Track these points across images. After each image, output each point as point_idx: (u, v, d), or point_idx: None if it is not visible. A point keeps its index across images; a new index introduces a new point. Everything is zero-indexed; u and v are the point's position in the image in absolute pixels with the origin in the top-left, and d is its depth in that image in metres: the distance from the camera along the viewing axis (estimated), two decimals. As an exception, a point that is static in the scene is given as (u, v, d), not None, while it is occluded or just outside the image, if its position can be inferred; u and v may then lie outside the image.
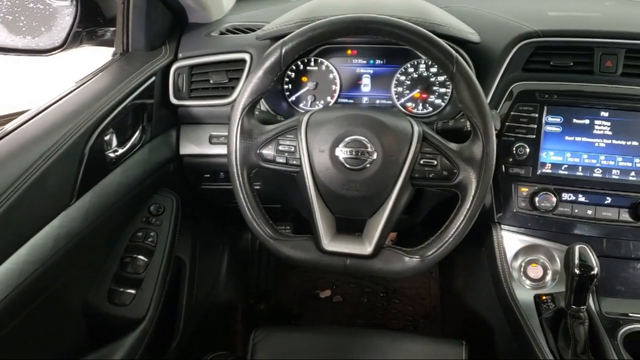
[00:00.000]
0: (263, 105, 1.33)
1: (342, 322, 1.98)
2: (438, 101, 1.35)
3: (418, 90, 1.36)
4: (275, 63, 1.02)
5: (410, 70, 1.36)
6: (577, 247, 1.06)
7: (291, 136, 1.05)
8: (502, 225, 1.27)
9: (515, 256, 1.26)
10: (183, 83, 1.35)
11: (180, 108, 1.37)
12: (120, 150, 1.17)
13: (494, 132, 0.99)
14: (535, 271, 1.23)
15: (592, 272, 1.02)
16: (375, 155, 1.01)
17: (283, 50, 1.01)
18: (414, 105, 1.37)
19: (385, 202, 1.03)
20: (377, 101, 1.40)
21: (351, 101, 1.41)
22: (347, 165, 1.01)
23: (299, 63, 1.40)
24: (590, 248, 1.06)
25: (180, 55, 1.37)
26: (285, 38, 1.02)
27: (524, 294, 1.21)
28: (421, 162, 1.02)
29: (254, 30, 1.40)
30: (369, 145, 1.01)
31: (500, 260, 1.24)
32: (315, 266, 1.04)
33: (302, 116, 1.07)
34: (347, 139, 1.02)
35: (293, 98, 1.41)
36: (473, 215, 1.00)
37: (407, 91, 1.37)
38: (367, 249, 1.02)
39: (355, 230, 1.07)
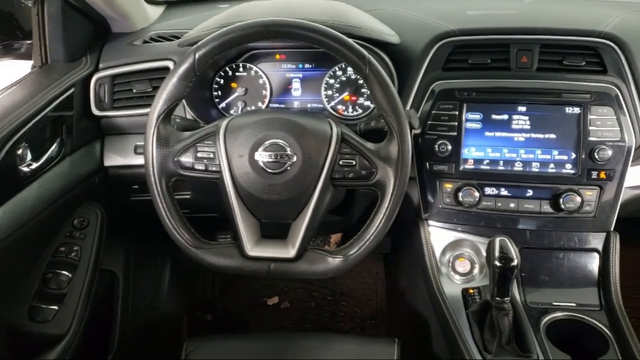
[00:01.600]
0: (189, 113, 1.32)
1: (290, 328, 1.97)
2: (367, 103, 1.37)
3: (347, 92, 1.37)
4: (189, 69, 1.00)
5: (339, 73, 1.37)
6: (497, 240, 1.08)
7: (210, 142, 1.04)
8: (429, 222, 1.29)
9: (444, 251, 1.28)
10: (105, 93, 1.32)
11: (104, 119, 1.35)
12: (36, 165, 1.13)
13: (409, 131, 1.01)
14: (463, 265, 1.25)
15: (513, 264, 1.04)
16: (295, 158, 1.01)
17: (197, 56, 1.00)
18: (344, 107, 1.38)
19: (307, 205, 1.03)
20: (309, 105, 1.41)
21: (282, 106, 1.42)
22: (267, 169, 1.01)
23: (228, 69, 1.39)
24: (511, 240, 1.08)
25: (101, 65, 1.34)
26: (198, 43, 1.01)
27: (453, 288, 1.23)
28: (340, 162, 1.02)
29: (178, 38, 1.38)
30: (288, 148, 1.01)
31: (428, 257, 1.26)
32: (239, 272, 1.03)
33: (220, 122, 1.06)
34: (266, 143, 1.01)
35: (223, 105, 1.40)
36: (392, 212, 1.00)
37: (337, 94, 1.38)
38: (291, 252, 1.02)
39: (283, 234, 1.07)
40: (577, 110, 1.19)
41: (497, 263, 1.05)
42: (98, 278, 1.25)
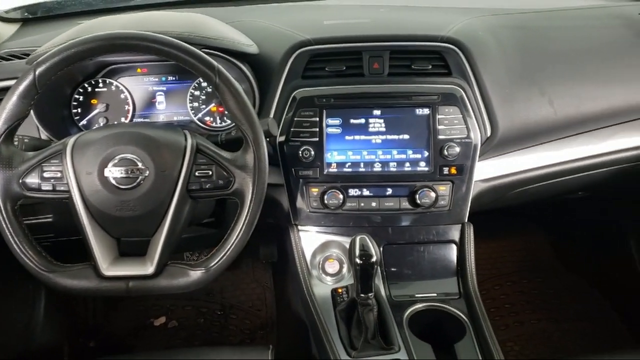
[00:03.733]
0: (43, 133, 1.26)
1: (178, 347, 1.92)
2: None
3: (214, 103, 1.37)
4: (29, 86, 0.96)
5: (204, 84, 1.36)
6: (357, 238, 1.12)
7: (56, 161, 1.00)
8: (299, 227, 1.31)
9: (314, 254, 1.31)
10: None
11: None
12: None
13: (264, 138, 1.02)
14: (332, 266, 1.28)
15: (373, 260, 1.08)
16: (147, 172, 0.99)
17: (37, 73, 0.96)
18: (212, 119, 1.38)
19: (164, 219, 1.01)
20: (175, 118, 1.39)
21: (147, 120, 1.39)
22: (119, 185, 0.99)
23: (86, 85, 1.35)
24: (370, 237, 1.12)
25: None
26: (38, 60, 0.97)
27: (323, 289, 1.26)
28: (197, 173, 1.02)
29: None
30: (139, 162, 0.99)
31: (298, 260, 1.29)
32: (95, 293, 1.00)
33: (68, 139, 1.02)
34: (115, 158, 0.99)
35: (84, 122, 1.35)
36: (252, 220, 1.01)
37: (204, 106, 1.37)
38: (149, 268, 1.00)
39: (144, 251, 1.05)
40: (426, 111, 1.26)
41: (358, 260, 1.08)
42: None
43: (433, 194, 1.26)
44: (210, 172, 1.02)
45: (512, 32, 1.40)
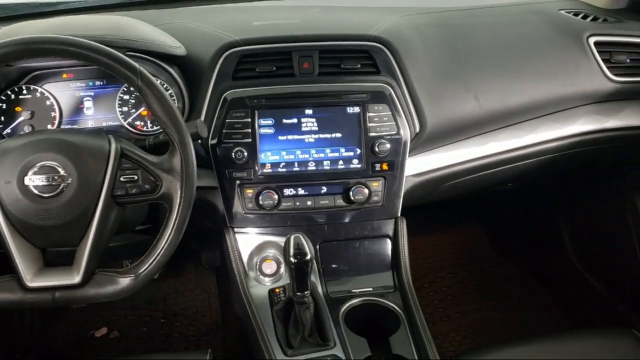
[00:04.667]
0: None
1: (119, 357, 1.88)
2: None
3: (144, 107, 1.34)
4: None
5: (132, 88, 1.33)
6: (292, 238, 1.12)
7: None
8: (235, 229, 1.31)
9: (251, 255, 1.30)
10: None
11: None
12: None
13: (190, 140, 1.02)
14: (269, 267, 1.28)
15: (307, 258, 1.09)
16: (70, 179, 0.97)
17: None
18: (142, 123, 1.35)
19: (90, 226, 0.99)
20: (104, 123, 1.36)
21: (75, 126, 1.35)
22: (40, 194, 0.96)
23: (9, 93, 1.30)
24: (305, 236, 1.13)
25: None
26: None
27: (260, 290, 1.26)
28: (122, 178, 1.00)
29: None
30: (61, 169, 0.97)
31: (235, 263, 1.28)
32: (20, 306, 0.97)
33: None
34: (36, 166, 0.96)
35: (8, 130, 1.31)
36: (182, 223, 1.00)
37: (133, 110, 1.34)
38: (76, 278, 0.98)
39: (71, 261, 1.02)
40: (357, 109, 1.28)
41: (293, 259, 1.09)
42: None
43: (366, 190, 1.28)
44: (136, 177, 1.00)
45: (437, 30, 1.44)
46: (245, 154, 1.25)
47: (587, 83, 1.44)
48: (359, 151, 1.28)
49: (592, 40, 1.46)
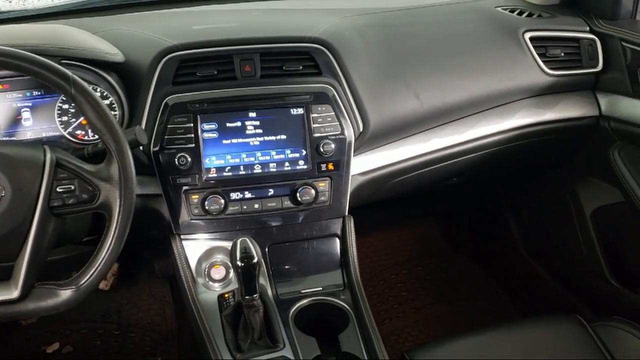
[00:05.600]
0: None
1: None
2: None
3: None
4: None
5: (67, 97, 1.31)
6: (238, 241, 1.12)
7: None
8: (181, 236, 1.29)
9: (199, 262, 1.29)
10: None
11: None
12: None
13: (128, 147, 1.00)
14: (218, 272, 1.27)
15: (254, 261, 1.09)
16: (3, 192, 0.94)
17: None
18: (84, 132, 1.32)
19: (27, 239, 0.96)
20: (44, 134, 1.32)
21: (13, 139, 1.31)
22: None
23: None
24: (252, 239, 1.13)
25: None
26: None
27: (210, 296, 1.25)
28: (58, 189, 0.98)
29: None
30: None
31: (182, 270, 1.26)
32: None
33: None
34: None
35: (-59, 145, 1.25)
36: (122, 233, 0.99)
37: (74, 119, 1.31)
38: (14, 292, 0.95)
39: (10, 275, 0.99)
40: (300, 110, 1.28)
41: (240, 263, 1.09)
42: None
43: (313, 191, 1.28)
44: (73, 187, 0.98)
45: (377, 30, 1.45)
46: (189, 159, 1.23)
47: (524, 77, 1.49)
48: (304, 152, 1.29)
49: (527, 35, 1.51)
